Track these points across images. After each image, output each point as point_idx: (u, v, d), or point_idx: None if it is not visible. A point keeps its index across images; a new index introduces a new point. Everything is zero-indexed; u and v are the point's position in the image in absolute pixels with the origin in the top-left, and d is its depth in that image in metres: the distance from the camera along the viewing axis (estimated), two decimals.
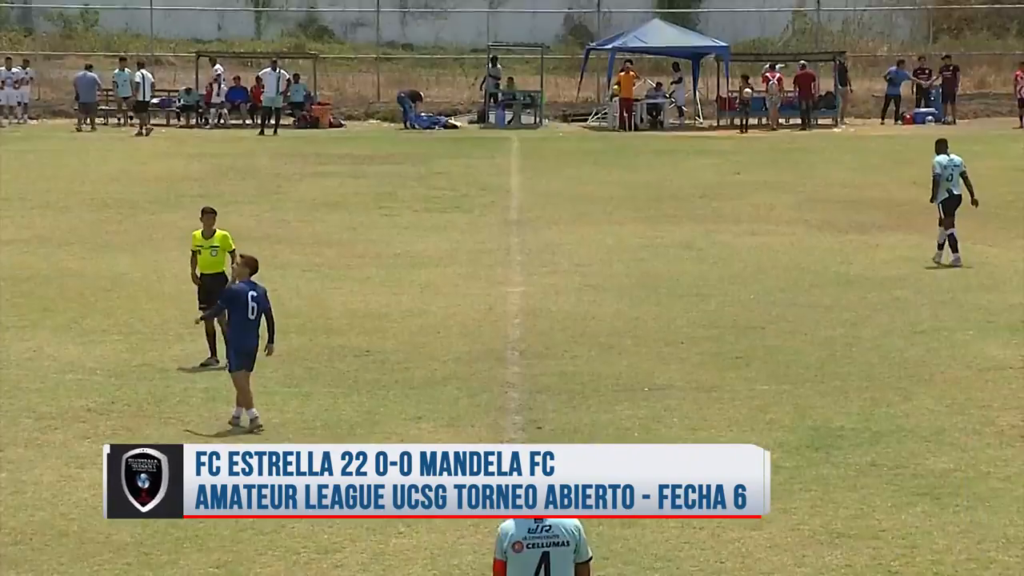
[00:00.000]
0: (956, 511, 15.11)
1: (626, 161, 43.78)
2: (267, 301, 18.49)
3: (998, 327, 23.05)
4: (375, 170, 41.45)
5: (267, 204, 34.82)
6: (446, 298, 25.24)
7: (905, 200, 33.34)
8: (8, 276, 26.85)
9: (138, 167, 42.07)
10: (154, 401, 19.14)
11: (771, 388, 19.73)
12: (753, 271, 27.56)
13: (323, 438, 17.51)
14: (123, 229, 32.01)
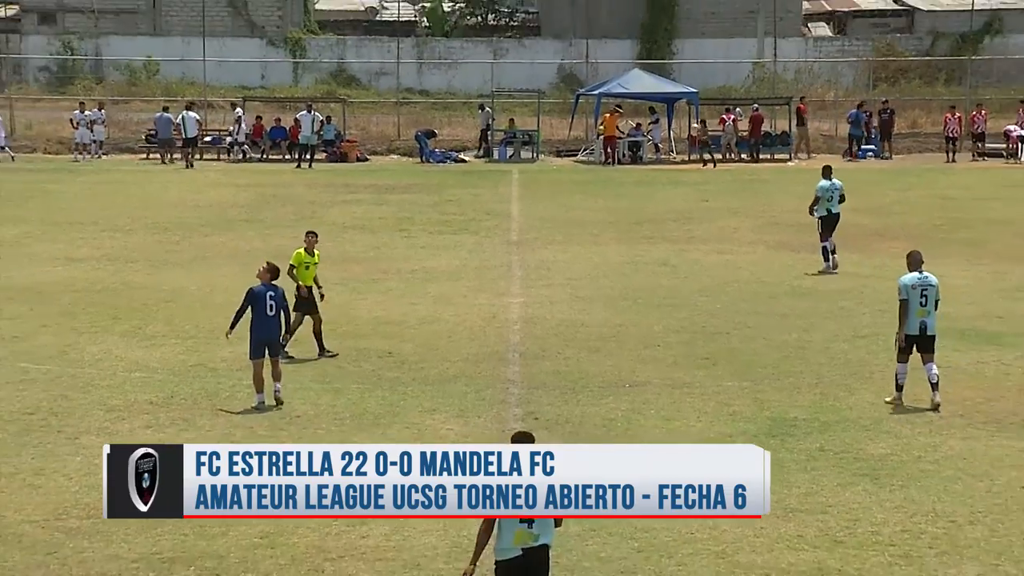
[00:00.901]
0: (892, 489, 15.18)
1: (610, 191, 43.74)
2: (284, 301, 19.00)
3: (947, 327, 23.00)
4: (395, 198, 41.44)
5: (304, 226, 34.49)
6: (456, 307, 25.25)
7: (848, 224, 33.20)
8: (83, 289, 26.91)
9: (193, 195, 42.05)
10: (206, 396, 19.22)
11: (735, 384, 19.77)
12: (719, 284, 27.55)
13: (352, 428, 17.59)
14: (180, 249, 32.02)
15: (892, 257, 29.25)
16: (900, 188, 44.51)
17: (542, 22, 75.19)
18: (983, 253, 31.46)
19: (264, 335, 18.72)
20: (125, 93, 63.43)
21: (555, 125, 57.62)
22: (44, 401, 18.84)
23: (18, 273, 28.53)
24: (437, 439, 17.07)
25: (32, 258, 30.53)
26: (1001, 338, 22.74)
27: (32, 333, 22.88)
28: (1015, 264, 29.95)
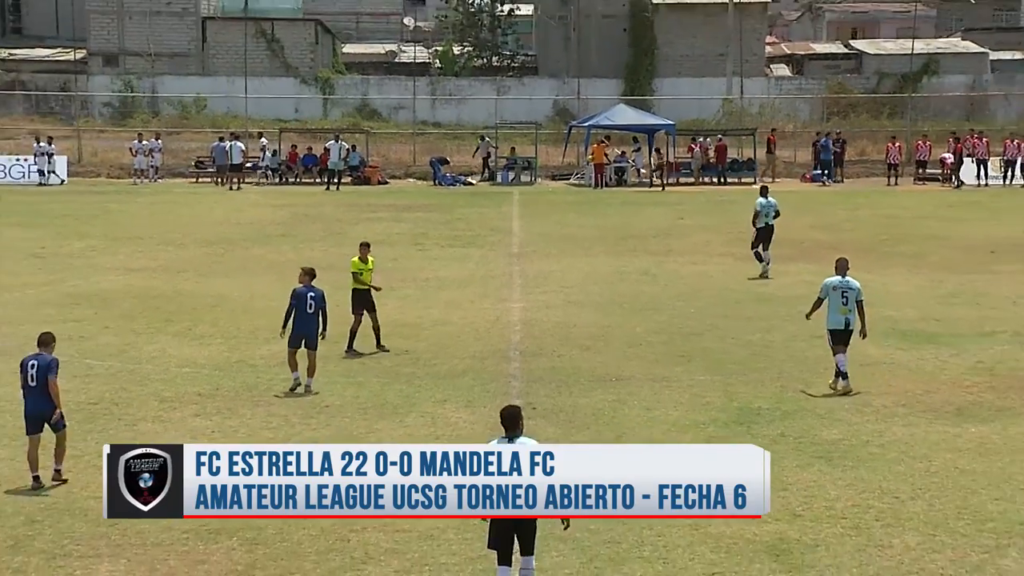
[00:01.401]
0: (844, 469, 15.19)
1: (599, 210, 43.77)
2: (324, 301, 18.99)
3: (875, 333, 22.98)
4: (412, 216, 41.47)
5: (332, 241, 34.81)
6: (464, 311, 25.28)
7: (805, 239, 33.26)
8: (139, 295, 26.94)
9: (235, 214, 42.11)
10: (247, 388, 19.22)
11: (707, 378, 19.77)
12: (694, 291, 27.56)
13: (374, 416, 17.59)
14: (224, 260, 32.06)
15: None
16: (850, 208, 44.56)
17: (539, 63, 75.23)
18: (922, 264, 31.50)
19: (303, 329, 18.87)
20: (177, 125, 63.58)
21: (550, 153, 57.72)
22: (106, 393, 18.89)
23: (84, 281, 28.60)
24: (448, 427, 17.09)
25: (96, 268, 30.61)
26: (938, 338, 22.76)
27: (96, 334, 22.94)
28: (950, 274, 29.99)
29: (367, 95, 69.43)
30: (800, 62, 75.35)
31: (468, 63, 74.69)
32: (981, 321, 24.37)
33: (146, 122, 62.75)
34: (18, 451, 15.87)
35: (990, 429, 16.99)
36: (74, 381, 19.44)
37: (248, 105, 64.18)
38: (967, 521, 13.49)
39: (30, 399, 14.66)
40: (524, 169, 54.62)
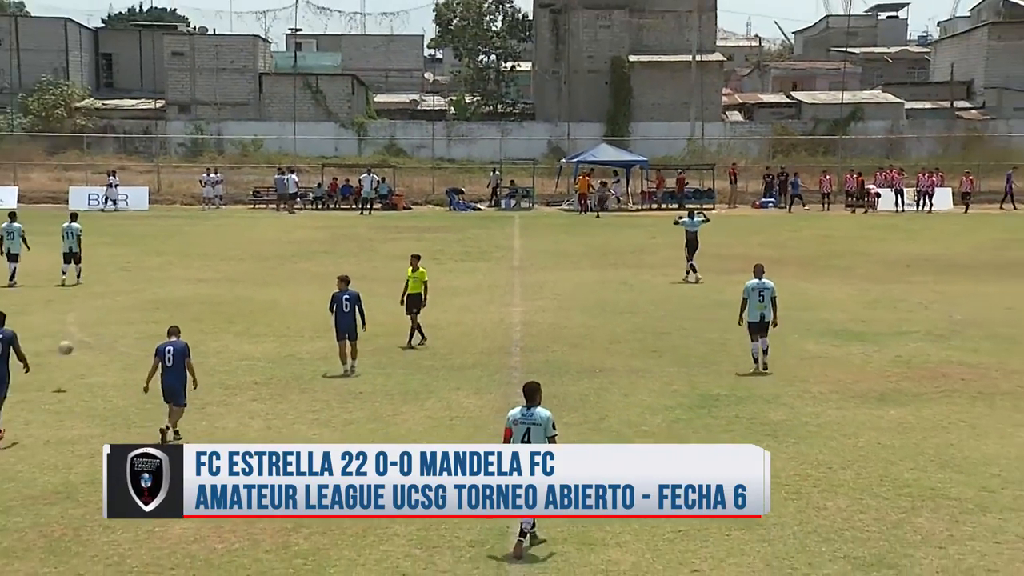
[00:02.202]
0: (787, 445, 15.17)
1: (584, 231, 43.80)
2: (359, 300, 19.43)
3: (812, 333, 23.09)
4: (431, 236, 41.48)
5: (365, 257, 34.84)
6: (474, 314, 25.28)
7: (756, 255, 33.09)
8: (206, 301, 26.94)
9: (285, 234, 42.13)
10: (295, 378, 19.20)
11: (674, 370, 19.75)
12: (663, 298, 27.55)
13: (399, 401, 17.56)
14: (276, 272, 32.05)
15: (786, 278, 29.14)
16: (792, 229, 44.55)
17: (536, 110, 75.26)
18: (851, 276, 31.50)
19: (343, 325, 19.36)
20: (238, 161, 63.67)
21: (545, 183, 57.77)
22: None
23: (161, 290, 28.62)
24: (461, 410, 17.07)
25: (171, 279, 30.63)
26: (864, 336, 22.75)
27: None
28: (873, 284, 30.00)
29: (394, 136, 69.52)
30: (750, 109, 75.37)
31: (477, 110, 74.72)
32: (899, 322, 24.39)
33: (213, 159, 62.82)
34: (109, 429, 15.86)
35: (907, 411, 17.00)
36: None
37: (296, 144, 65.33)
38: (888, 487, 13.48)
39: (167, 376, 15.23)
40: (523, 197, 54.78)
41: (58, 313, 25.18)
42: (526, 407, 11.16)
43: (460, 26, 76.64)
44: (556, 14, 71.52)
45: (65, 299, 27.14)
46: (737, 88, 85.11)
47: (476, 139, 68.43)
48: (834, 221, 48.61)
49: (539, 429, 10.96)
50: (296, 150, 64.70)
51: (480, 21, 76.91)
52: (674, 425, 16.27)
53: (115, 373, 19.37)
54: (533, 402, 11.18)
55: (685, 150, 65.32)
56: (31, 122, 67.89)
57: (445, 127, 70.41)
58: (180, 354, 15.27)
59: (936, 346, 21.84)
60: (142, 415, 16.64)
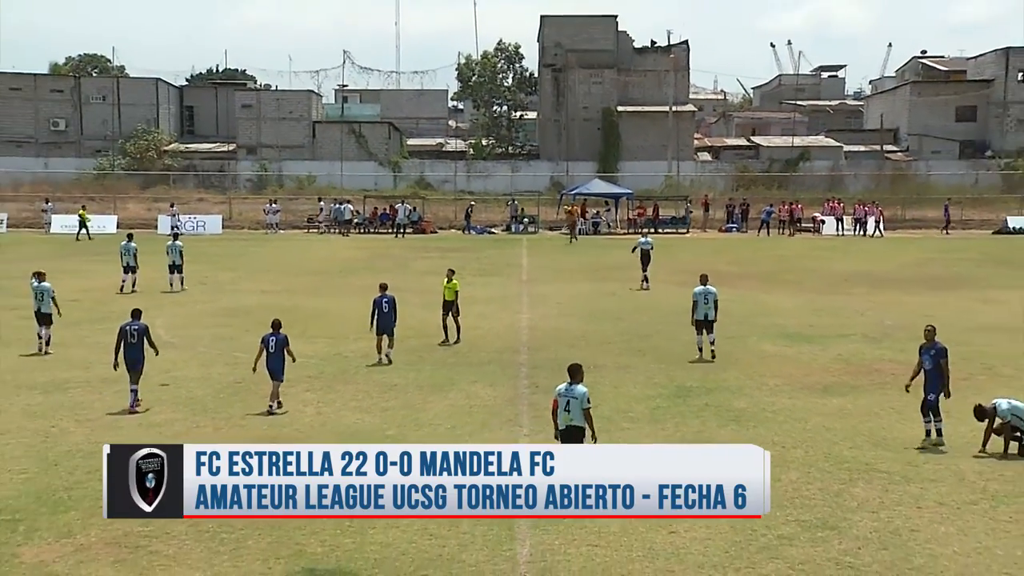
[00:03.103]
0: (748, 428, 15.16)
1: (580, 251, 43.72)
2: (394, 304, 19.97)
3: (769, 335, 23.03)
4: (454, 255, 41.44)
5: (399, 272, 34.83)
6: (489, 320, 25.24)
7: (723, 271, 33.06)
8: (268, 309, 26.75)
9: (332, 254, 42.16)
10: (342, 373, 19.22)
11: (656, 366, 19.71)
12: (646, 306, 27.49)
13: (427, 392, 17.54)
14: (326, 285, 32.06)
15: (747, 291, 29.18)
16: (752, 250, 44.47)
17: (540, 151, 75.24)
18: (801, 288, 31.41)
19: (382, 324, 19.80)
20: (295, 194, 63.76)
21: (548, 212, 57.71)
22: (246, 375, 18.84)
23: (231, 300, 28.65)
24: (478, 399, 17.06)
25: (240, 291, 30.66)
26: (812, 338, 22.68)
27: (240, 335, 22.89)
28: (819, 295, 29.90)
29: (423, 173, 69.68)
30: (717, 151, 75.31)
31: (492, 151, 74.82)
32: (840, 327, 24.31)
33: (274, 192, 62.93)
34: (189, 414, 15.88)
35: (846, 400, 16.96)
36: (224, 368, 19.51)
37: (343, 180, 65.55)
38: (830, 463, 13.45)
39: (270, 360, 16.23)
40: (530, 223, 54.71)
41: (150, 318, 25.10)
42: (568, 383, 11.62)
43: (478, 82, 77.01)
44: (557, 72, 71.87)
45: (157, 307, 27.16)
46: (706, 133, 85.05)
47: (491, 175, 68.62)
48: (787, 243, 48.52)
49: (576, 402, 11.37)
50: (343, 184, 64.94)
51: (494, 78, 77.27)
52: (655, 412, 16.24)
53: (194, 368, 19.40)
54: (574, 380, 11.66)
55: (663, 184, 65.29)
56: (128, 163, 68.61)
57: (465, 165, 70.59)
58: (280, 343, 16.34)
59: (870, 346, 21.78)
60: (216, 403, 16.68)
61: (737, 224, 54.56)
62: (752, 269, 36.55)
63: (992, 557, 10.35)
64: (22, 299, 27.95)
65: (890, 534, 10.96)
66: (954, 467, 13.30)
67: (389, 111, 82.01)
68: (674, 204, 56.70)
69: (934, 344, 14.34)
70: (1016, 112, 71.85)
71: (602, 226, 54.17)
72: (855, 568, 10.02)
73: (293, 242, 48.42)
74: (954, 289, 31.19)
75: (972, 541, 10.76)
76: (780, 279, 33.75)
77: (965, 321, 25.06)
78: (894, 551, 10.46)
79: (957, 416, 15.69)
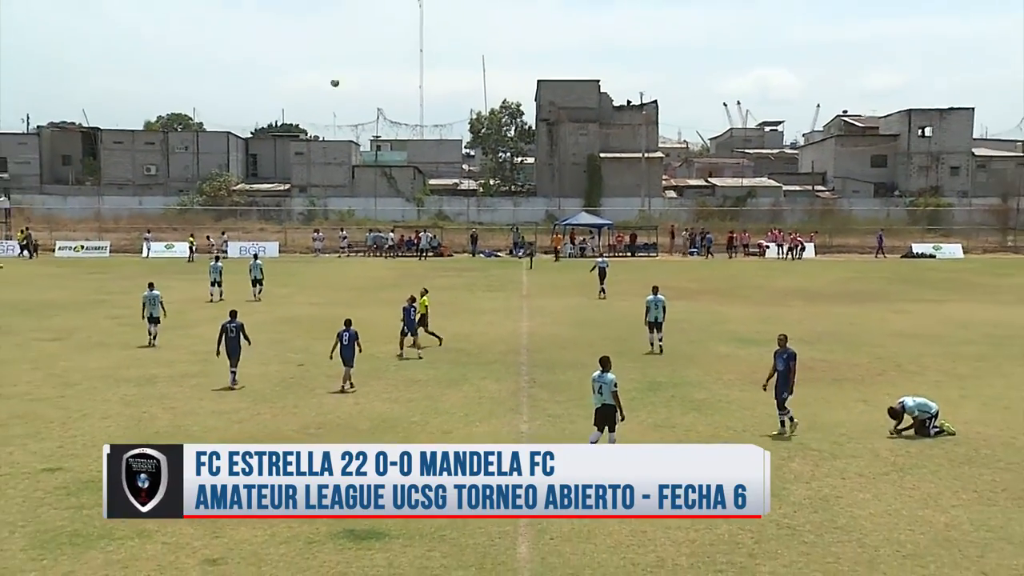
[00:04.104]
0: (707, 415, 15.11)
1: (569, 271, 43.66)
2: (414, 310, 20.46)
3: (724, 340, 22.98)
4: (467, 274, 41.53)
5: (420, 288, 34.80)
6: (495, 328, 25.20)
7: (686, 288, 33.02)
8: (315, 318, 26.86)
9: (366, 273, 42.18)
10: (374, 370, 19.13)
11: (631, 364, 19.62)
12: (624, 316, 27.36)
13: (444, 386, 17.49)
14: (361, 298, 32.00)
15: (706, 303, 29.12)
16: (709, 270, 44.48)
17: (538, 189, 75.16)
18: (751, 301, 31.36)
19: (410, 326, 20.22)
20: (337, 225, 63.85)
21: (543, 239, 57.79)
22: (296, 372, 18.90)
23: (283, 311, 28.62)
24: (487, 392, 17.02)
25: (292, 304, 30.63)
26: (759, 342, 22.59)
27: (291, 339, 22.93)
28: (765, 307, 29.84)
29: (441, 207, 69.88)
30: (681, 189, 75.35)
31: (498, 189, 74.96)
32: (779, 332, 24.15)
33: (320, 223, 63.08)
34: (251, 403, 15.85)
35: None
36: (278, 365, 19.50)
37: (376, 213, 65.82)
38: (773, 443, 13.38)
39: (344, 350, 17.03)
40: (528, 245, 54.70)
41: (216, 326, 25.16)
42: (600, 372, 12.25)
43: (486, 134, 77.48)
44: (551, 126, 72.26)
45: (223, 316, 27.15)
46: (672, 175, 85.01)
47: (497, 209, 68.90)
48: (738, 265, 48.46)
49: (607, 385, 12.00)
50: (376, 216, 65.27)
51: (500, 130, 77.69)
52: (631, 402, 16.10)
53: (254, 367, 19.34)
54: (605, 368, 12.30)
55: (638, 216, 65.46)
56: (204, 200, 69.21)
57: (476, 201, 70.94)
58: (352, 337, 17.15)
59: (805, 348, 21.64)
60: (273, 394, 16.66)
61: (698, 249, 54.54)
62: (709, 285, 36.53)
63: (899, 517, 10.35)
64: (121, 309, 28.06)
65: (820, 500, 10.95)
66: (871, 446, 13.29)
67: (414, 157, 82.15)
68: (647, 233, 56.76)
69: (786, 349, 13.96)
70: (917, 160, 73.23)
71: (588, 250, 54.16)
72: (792, 528, 10.01)
73: (335, 264, 48.40)
74: (872, 302, 31.16)
75: (884, 504, 10.76)
76: (733, 294, 33.72)
77: (880, 328, 25.06)
78: (823, 513, 10.46)
79: (874, 404, 15.70)
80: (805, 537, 9.73)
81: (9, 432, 13.83)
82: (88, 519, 10.04)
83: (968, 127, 73.63)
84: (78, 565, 8.89)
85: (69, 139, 78.51)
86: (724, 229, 58.18)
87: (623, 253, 53.67)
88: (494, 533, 9.56)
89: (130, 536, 9.52)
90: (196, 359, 20.09)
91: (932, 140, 73.40)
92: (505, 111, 79.07)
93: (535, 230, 58.06)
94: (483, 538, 9.47)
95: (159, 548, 9.26)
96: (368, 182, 71.80)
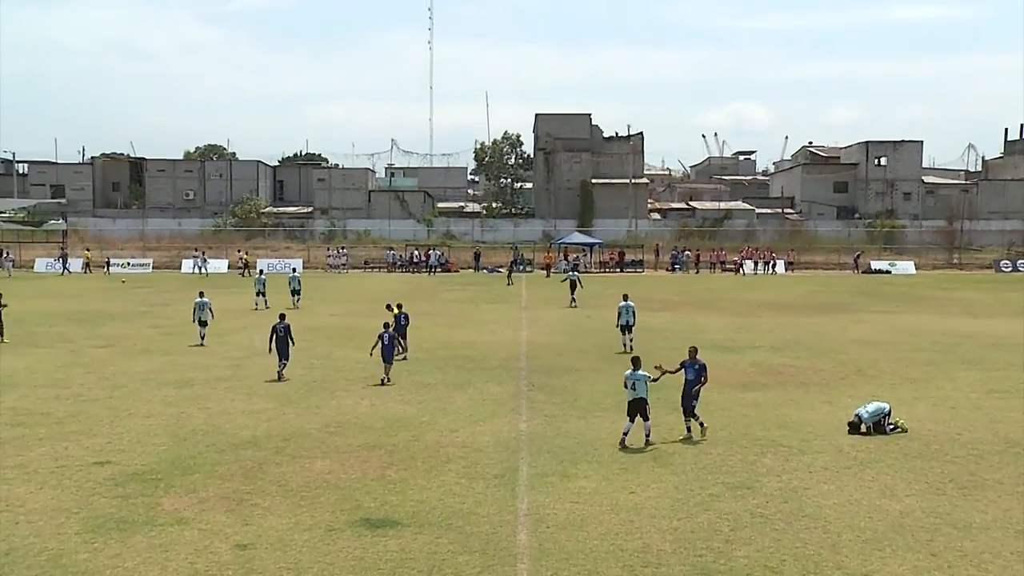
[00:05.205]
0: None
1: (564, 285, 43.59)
2: (407, 319, 20.78)
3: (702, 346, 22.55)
4: (471, 288, 41.54)
5: (430, 300, 34.83)
6: (497, 336, 25.14)
7: (671, 299, 33.05)
8: (334, 327, 26.84)
9: (381, 286, 42.09)
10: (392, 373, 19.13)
11: (620, 369, 19.27)
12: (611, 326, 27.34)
13: (450, 389, 17.40)
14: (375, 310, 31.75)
15: (686, 314, 29.09)
16: (689, 284, 44.48)
17: (536, 211, 75.47)
18: (728, 312, 31.31)
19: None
20: (355, 243, 64.10)
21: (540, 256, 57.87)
22: (319, 376, 18.85)
23: (308, 320, 28.53)
24: (490, 394, 16.96)
25: (314, 314, 30.54)
26: (736, 349, 22.61)
27: (314, 346, 22.87)
28: (739, 317, 29.81)
29: (449, 227, 70.14)
30: (664, 212, 75.55)
31: (499, 211, 75.24)
32: (753, 339, 24.26)
33: (339, 241, 63.23)
34: (278, 404, 15.86)
35: (759, 394, 16.89)
36: (303, 369, 19.50)
37: (391, 233, 65.88)
38: (747, 441, 13.39)
39: (384, 349, 17.42)
40: (527, 264, 54.70)
41: (250, 333, 25.26)
42: (632, 370, 12.84)
43: (489, 162, 78.04)
44: (548, 154, 72.64)
45: (255, 324, 27.20)
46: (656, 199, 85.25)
47: (498, 229, 69.15)
48: (717, 280, 48.48)
49: (641, 381, 12.69)
50: (390, 236, 65.40)
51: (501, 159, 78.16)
52: (621, 404, 16.13)
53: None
54: (636, 367, 12.98)
55: (626, 236, 65.63)
56: (236, 222, 69.91)
57: (480, 222, 71.17)
58: (391, 337, 17.63)
59: (775, 355, 21.76)
60: (297, 396, 16.67)
61: (680, 265, 54.61)
62: (690, 297, 36.56)
63: (859, 506, 10.38)
64: (162, 320, 28.14)
65: (790, 491, 10.97)
66: (835, 443, 13.30)
67: (424, 182, 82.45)
68: (634, 250, 56.87)
69: (696, 360, 13.79)
70: (874, 187, 74.28)
71: (581, 266, 54.20)
72: (764, 516, 10.04)
73: (353, 279, 48.40)
74: (835, 313, 31.18)
75: (846, 495, 10.78)
76: (710, 305, 33.73)
77: (842, 336, 25.08)
78: (792, 504, 10.48)
79: (838, 405, 15.72)
80: (776, 524, 9.76)
81: (65, 429, 13.88)
82: (133, 507, 10.10)
83: (918, 157, 74.48)
84: (125, 548, 8.95)
85: (118, 168, 79.47)
86: (705, 248, 58.46)
87: (613, 269, 53.73)
88: (496, 522, 9.63)
89: (170, 523, 9.59)
90: (229, 364, 20.12)
91: (887, 168, 74.12)
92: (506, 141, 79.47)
93: (533, 248, 58.16)
94: (487, 527, 9.54)
95: (196, 534, 9.31)
96: (383, 205, 72.07)
